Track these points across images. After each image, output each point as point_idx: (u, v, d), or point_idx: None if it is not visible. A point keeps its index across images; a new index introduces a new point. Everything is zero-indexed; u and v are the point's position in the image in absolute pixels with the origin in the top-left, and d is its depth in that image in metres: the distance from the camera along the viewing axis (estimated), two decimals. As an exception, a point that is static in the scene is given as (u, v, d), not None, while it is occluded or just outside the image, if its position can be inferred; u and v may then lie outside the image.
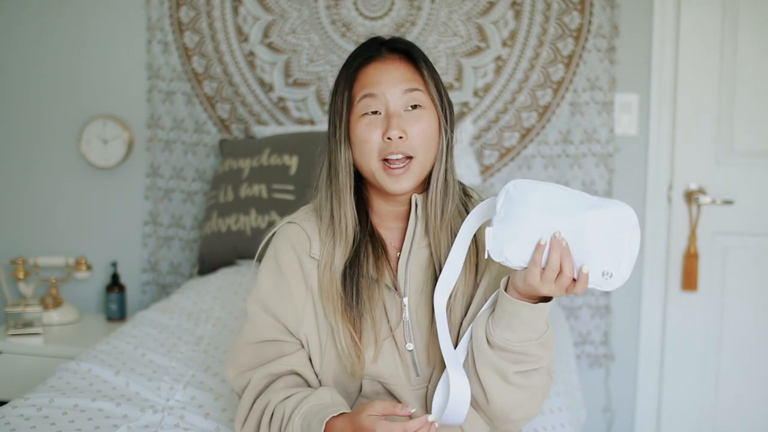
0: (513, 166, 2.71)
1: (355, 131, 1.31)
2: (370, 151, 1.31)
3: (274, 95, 2.79)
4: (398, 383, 1.36)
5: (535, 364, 1.26)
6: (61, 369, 1.81)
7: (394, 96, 1.30)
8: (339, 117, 1.33)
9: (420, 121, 1.31)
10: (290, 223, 1.40)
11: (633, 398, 2.80)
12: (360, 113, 1.31)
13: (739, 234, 2.70)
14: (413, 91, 1.31)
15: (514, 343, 1.23)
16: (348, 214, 1.34)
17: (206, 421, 1.58)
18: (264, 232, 2.41)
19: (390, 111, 1.30)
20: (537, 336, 1.24)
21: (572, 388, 2.11)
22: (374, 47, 1.35)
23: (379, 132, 1.30)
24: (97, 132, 2.82)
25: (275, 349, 1.37)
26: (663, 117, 2.67)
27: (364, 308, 1.33)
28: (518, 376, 1.26)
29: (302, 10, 2.75)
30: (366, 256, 1.34)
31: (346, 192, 1.33)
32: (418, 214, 1.36)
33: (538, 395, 1.31)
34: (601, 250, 1.15)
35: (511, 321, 1.22)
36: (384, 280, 1.34)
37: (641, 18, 2.64)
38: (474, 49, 2.70)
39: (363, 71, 1.33)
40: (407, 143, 1.30)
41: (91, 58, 2.86)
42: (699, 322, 2.74)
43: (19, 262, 2.70)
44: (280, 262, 1.37)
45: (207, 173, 2.82)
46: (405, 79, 1.32)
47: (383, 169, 1.31)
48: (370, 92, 1.31)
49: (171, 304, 2.24)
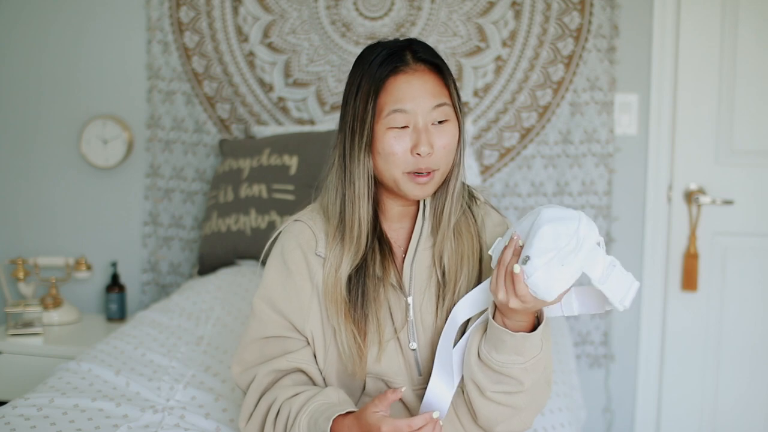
0: (513, 166, 2.71)
1: (382, 143, 1.30)
2: (395, 163, 1.30)
3: (274, 95, 2.79)
4: (401, 382, 1.37)
5: (514, 387, 1.26)
6: (61, 369, 1.80)
7: (424, 111, 1.29)
8: (361, 124, 1.30)
9: (446, 135, 1.31)
10: (297, 221, 1.41)
11: (633, 398, 2.80)
12: (388, 125, 1.29)
13: (739, 234, 2.70)
14: (442, 105, 1.31)
15: (497, 363, 1.24)
16: (363, 222, 1.33)
17: (206, 421, 1.58)
18: (264, 232, 2.41)
19: (419, 127, 1.29)
20: (524, 360, 1.24)
21: (572, 388, 2.11)
22: (399, 55, 1.31)
23: (407, 145, 1.29)
24: (97, 132, 2.82)
25: (280, 346, 1.37)
26: (663, 117, 2.67)
27: (370, 309, 1.33)
28: (497, 394, 1.28)
29: (302, 10, 2.75)
30: (373, 256, 1.35)
31: (363, 200, 1.33)
32: (425, 215, 1.37)
33: (523, 414, 1.32)
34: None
35: (496, 343, 1.23)
36: (389, 280, 1.35)
37: (641, 18, 2.64)
38: (474, 49, 2.70)
39: (391, 82, 1.30)
40: (434, 158, 1.30)
41: (91, 58, 2.86)
42: (699, 322, 2.74)
43: (19, 262, 2.70)
44: (287, 259, 1.38)
45: (207, 173, 2.82)
46: (434, 93, 1.30)
47: (408, 179, 1.30)
48: (401, 108, 1.28)
49: (171, 304, 2.23)
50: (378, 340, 1.34)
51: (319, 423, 1.24)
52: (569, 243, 1.13)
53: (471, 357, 1.27)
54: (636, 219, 2.72)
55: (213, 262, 2.52)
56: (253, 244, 2.43)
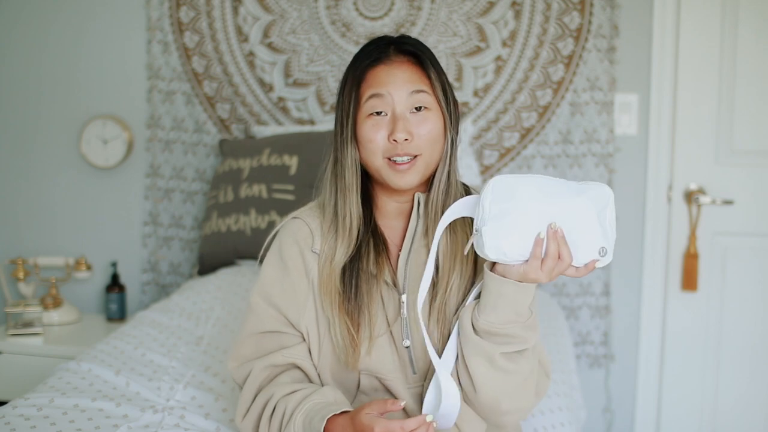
0: (513, 166, 2.71)
1: (362, 131, 1.34)
2: (374, 150, 1.33)
3: (274, 95, 2.79)
4: (395, 379, 1.37)
5: (520, 345, 1.27)
6: (61, 369, 1.80)
7: (400, 97, 1.32)
8: (346, 116, 1.35)
9: (426, 123, 1.33)
10: (295, 219, 1.43)
11: (633, 398, 2.80)
12: (366, 113, 1.33)
13: (739, 234, 2.70)
14: (419, 92, 1.33)
15: (498, 325, 1.25)
16: (353, 212, 1.36)
17: (206, 421, 1.58)
18: (264, 232, 2.41)
19: (396, 113, 1.32)
20: (522, 319, 1.25)
21: (572, 388, 2.11)
22: (382, 48, 1.36)
23: (385, 132, 1.33)
24: (97, 132, 2.82)
25: (276, 341, 1.39)
26: (663, 117, 2.67)
27: (363, 302, 1.35)
28: (505, 359, 1.28)
29: (302, 10, 2.75)
30: (367, 252, 1.36)
31: (352, 190, 1.36)
32: (419, 212, 1.38)
33: (528, 385, 1.32)
34: (595, 230, 1.20)
35: (496, 301, 1.23)
36: (383, 277, 1.36)
37: (641, 18, 2.64)
38: (474, 49, 2.70)
39: (371, 72, 1.35)
40: (413, 144, 1.32)
41: (91, 58, 2.86)
42: (699, 322, 2.74)
43: (19, 262, 2.70)
44: (284, 255, 1.40)
45: (207, 173, 2.82)
46: (411, 80, 1.33)
47: (388, 166, 1.33)
48: (377, 92, 1.33)
49: (171, 304, 2.23)
50: (369, 335, 1.34)
51: (314, 422, 1.25)
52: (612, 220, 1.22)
53: (469, 336, 1.27)
54: (636, 219, 2.72)
55: (213, 262, 2.52)
56: (253, 244, 2.43)
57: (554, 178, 1.23)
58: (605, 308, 2.73)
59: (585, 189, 1.22)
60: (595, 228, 1.20)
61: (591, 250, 1.20)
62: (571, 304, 2.73)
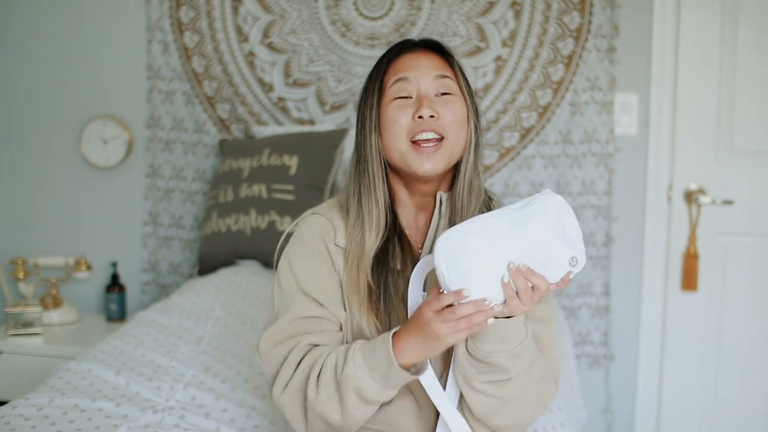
0: (513, 166, 2.71)
1: (386, 114, 1.34)
2: (399, 132, 1.32)
3: (274, 95, 2.79)
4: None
5: (502, 375, 1.26)
6: (61, 369, 1.80)
7: (426, 80, 1.34)
8: (369, 108, 1.35)
9: (452, 105, 1.34)
10: (314, 214, 1.42)
11: (633, 398, 2.80)
12: (391, 97, 1.34)
13: (739, 234, 2.70)
14: (444, 77, 1.35)
15: (482, 352, 1.24)
16: (380, 202, 1.36)
17: (206, 422, 1.58)
18: (264, 232, 2.41)
19: (421, 94, 1.33)
20: (509, 347, 1.24)
21: (572, 388, 2.11)
22: (406, 44, 1.39)
23: (410, 113, 1.33)
24: (97, 132, 2.82)
25: (318, 325, 1.36)
26: (663, 117, 2.67)
27: (392, 305, 1.34)
28: (486, 385, 1.27)
29: (302, 10, 2.75)
30: (393, 249, 1.36)
31: (377, 180, 1.35)
32: (442, 211, 1.38)
33: (520, 404, 1.31)
34: (557, 247, 1.18)
35: (479, 333, 1.23)
36: (408, 274, 1.35)
37: (641, 18, 2.64)
38: (474, 49, 2.70)
39: (395, 62, 1.36)
40: (439, 122, 1.32)
41: (91, 58, 2.86)
42: (699, 323, 2.74)
43: (19, 262, 2.70)
44: (311, 247, 1.38)
45: (207, 173, 2.82)
46: (437, 66, 1.36)
47: (413, 149, 1.32)
48: (403, 76, 1.34)
49: (171, 304, 2.23)
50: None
51: (377, 346, 1.23)
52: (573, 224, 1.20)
53: (459, 351, 1.28)
54: (636, 219, 2.72)
55: (213, 262, 2.52)
56: (253, 244, 2.43)
57: (498, 211, 1.20)
58: (605, 308, 2.73)
59: (533, 210, 1.18)
60: (555, 245, 1.17)
61: (561, 265, 1.18)
62: (571, 304, 2.73)
